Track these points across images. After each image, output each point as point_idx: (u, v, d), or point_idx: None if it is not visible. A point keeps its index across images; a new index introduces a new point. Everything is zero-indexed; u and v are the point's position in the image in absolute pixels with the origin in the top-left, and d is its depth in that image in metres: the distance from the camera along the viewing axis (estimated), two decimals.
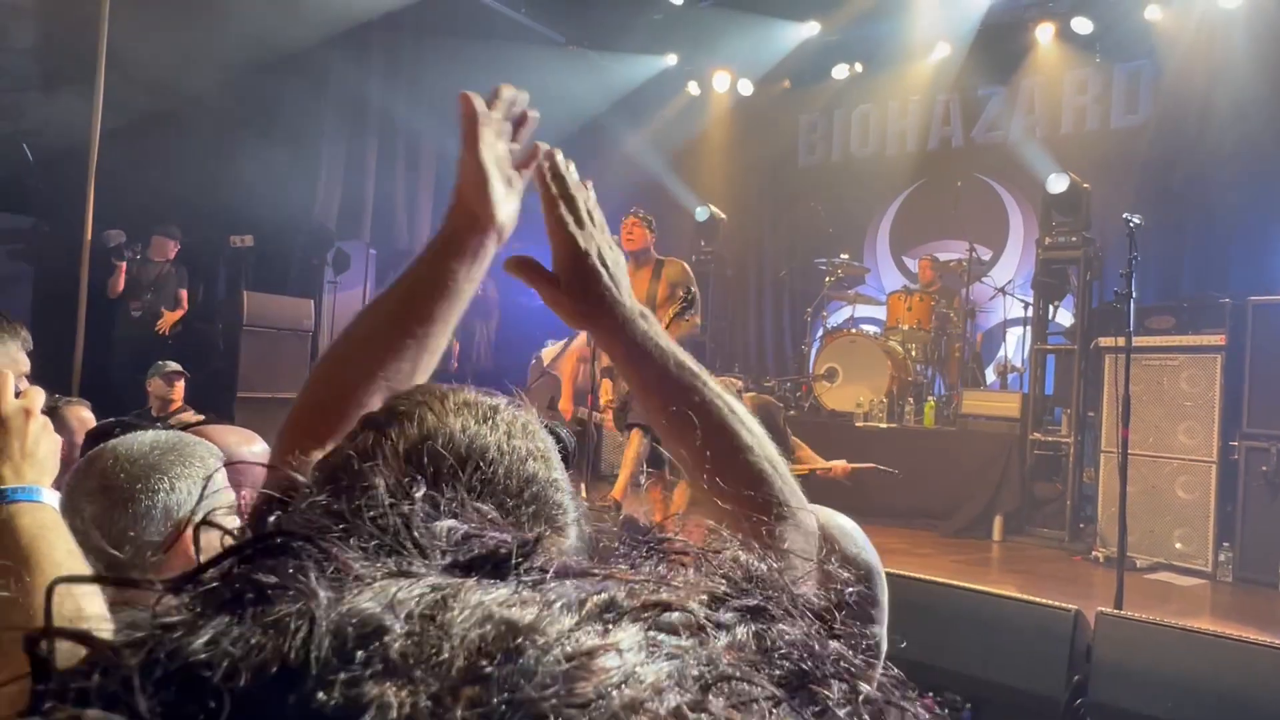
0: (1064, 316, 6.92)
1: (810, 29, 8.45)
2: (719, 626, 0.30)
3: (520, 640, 0.27)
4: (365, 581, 0.29)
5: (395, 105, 8.27)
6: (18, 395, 1.06)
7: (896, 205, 8.89)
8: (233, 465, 1.41)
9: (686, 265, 5.58)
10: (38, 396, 1.08)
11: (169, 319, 6.89)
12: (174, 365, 4.51)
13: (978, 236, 7.60)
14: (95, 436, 1.45)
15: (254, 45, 6.83)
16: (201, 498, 1.33)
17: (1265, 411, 5.00)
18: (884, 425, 6.70)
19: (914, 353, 7.20)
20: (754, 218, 9.41)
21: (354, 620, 0.27)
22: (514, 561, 0.32)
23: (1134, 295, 4.19)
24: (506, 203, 0.96)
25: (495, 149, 0.95)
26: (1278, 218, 6.44)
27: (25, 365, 2.07)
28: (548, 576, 0.31)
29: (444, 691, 0.25)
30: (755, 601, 0.32)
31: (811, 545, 0.83)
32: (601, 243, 0.91)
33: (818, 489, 4.68)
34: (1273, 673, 2.83)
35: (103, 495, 1.23)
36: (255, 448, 1.63)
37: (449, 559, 0.33)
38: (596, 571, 0.32)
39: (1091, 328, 6.11)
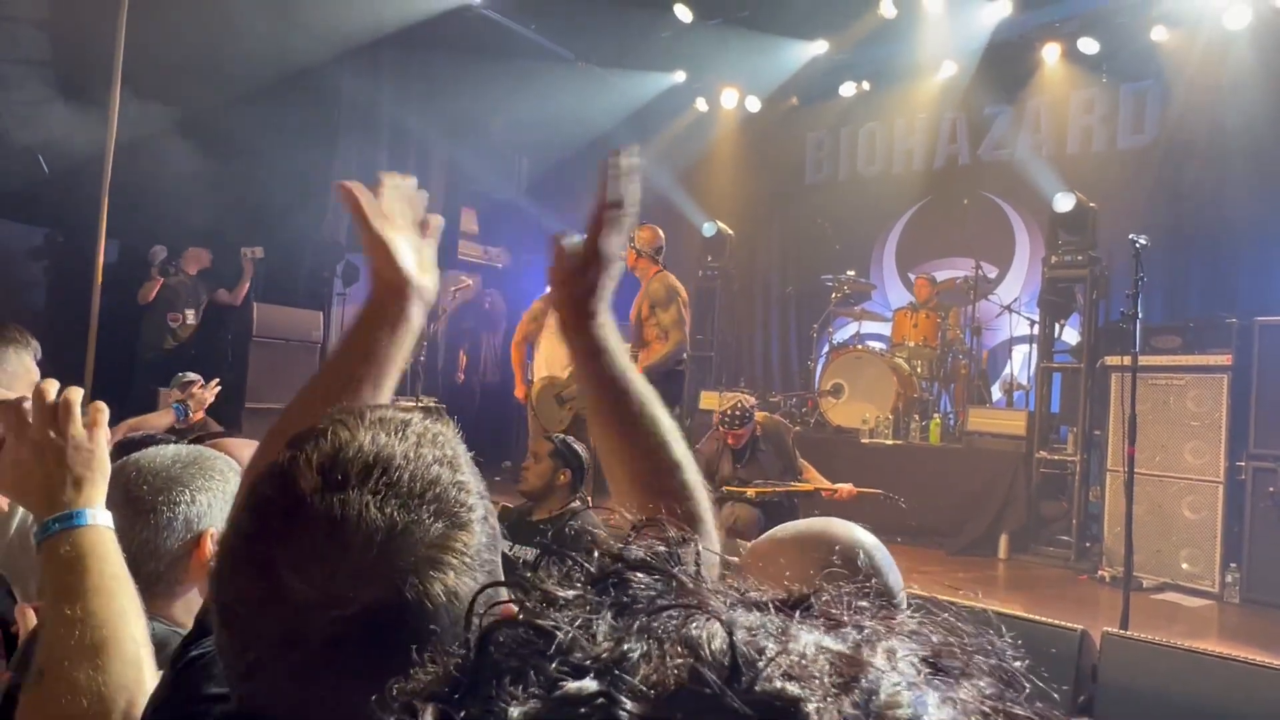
0: (1069, 335, 6.93)
1: (818, 47, 8.49)
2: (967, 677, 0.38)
3: (857, 671, 0.35)
4: (717, 613, 0.37)
5: (406, 120, 8.35)
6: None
7: (903, 222, 8.92)
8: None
9: (669, 279, 5.47)
10: (102, 415, 1.09)
11: (242, 286, 7.47)
12: (192, 375, 4.54)
13: (984, 254, 7.61)
14: (124, 448, 1.48)
15: (267, 61, 6.91)
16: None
17: (1272, 432, 5.00)
18: (889, 442, 6.70)
19: (920, 369, 7.20)
20: (761, 234, 9.45)
21: (747, 639, 0.36)
22: (803, 605, 0.40)
23: (1140, 315, 4.20)
24: (421, 267, 1.01)
25: (393, 221, 1.01)
26: None
27: (36, 375, 2.10)
28: (830, 620, 0.39)
29: (827, 693, 0.34)
30: (960, 663, 0.39)
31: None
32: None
33: (824, 507, 4.68)
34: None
35: (126, 507, 1.26)
36: None
37: (735, 599, 0.40)
38: (844, 619, 0.40)
39: (1098, 346, 6.11)
